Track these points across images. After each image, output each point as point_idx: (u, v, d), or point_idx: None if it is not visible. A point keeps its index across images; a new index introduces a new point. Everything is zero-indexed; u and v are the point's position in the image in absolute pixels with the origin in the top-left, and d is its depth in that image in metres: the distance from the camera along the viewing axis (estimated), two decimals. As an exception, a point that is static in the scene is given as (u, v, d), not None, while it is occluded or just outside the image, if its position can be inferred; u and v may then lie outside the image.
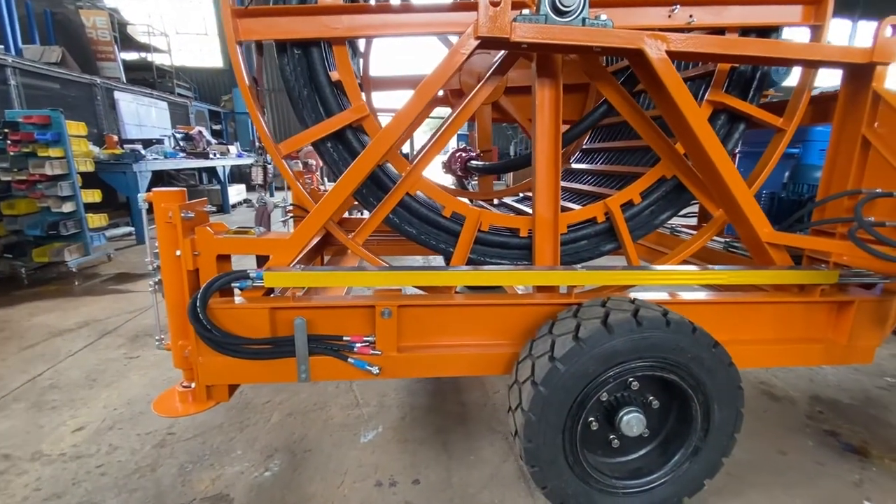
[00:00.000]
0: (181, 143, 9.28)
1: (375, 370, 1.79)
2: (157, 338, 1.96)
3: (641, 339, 1.57)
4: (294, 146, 1.99)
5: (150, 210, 1.85)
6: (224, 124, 16.00)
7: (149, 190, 7.15)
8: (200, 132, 9.80)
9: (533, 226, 2.18)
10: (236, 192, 11.29)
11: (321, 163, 19.35)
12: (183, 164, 8.43)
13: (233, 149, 11.23)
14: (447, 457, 2.15)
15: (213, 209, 1.96)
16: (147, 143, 8.30)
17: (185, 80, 15.37)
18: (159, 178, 8.52)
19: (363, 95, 1.94)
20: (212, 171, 10.40)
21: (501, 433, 2.33)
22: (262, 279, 1.72)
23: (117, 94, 9.56)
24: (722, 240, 2.95)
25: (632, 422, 1.67)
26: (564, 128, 2.14)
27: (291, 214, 2.88)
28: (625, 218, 2.27)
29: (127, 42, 12.85)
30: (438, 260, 2.66)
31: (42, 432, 2.33)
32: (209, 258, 1.78)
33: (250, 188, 12.70)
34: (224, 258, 1.84)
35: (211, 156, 9.25)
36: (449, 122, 2.20)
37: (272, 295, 1.96)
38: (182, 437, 2.27)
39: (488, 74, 2.14)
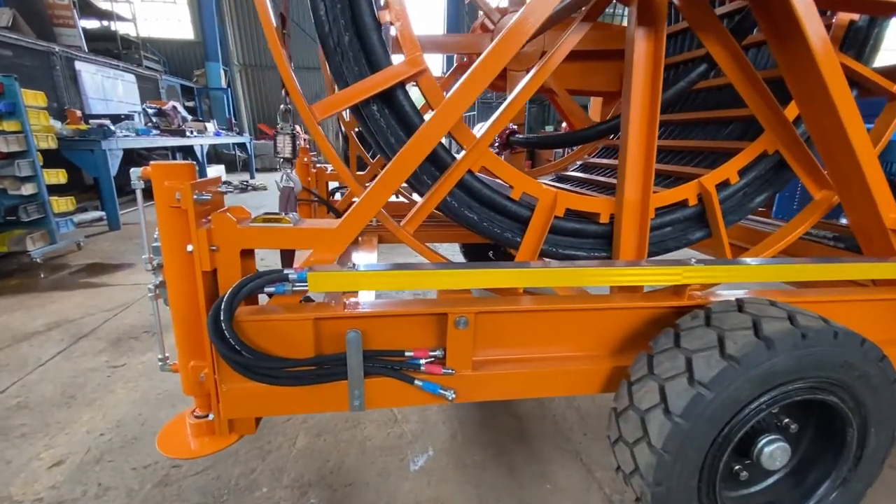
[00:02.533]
0: (154, 120, 8.49)
1: (451, 395, 1.41)
2: (160, 357, 1.52)
3: (806, 356, 1.24)
4: (332, 108, 1.55)
5: (146, 190, 1.40)
6: (198, 101, 14.97)
7: (120, 171, 6.48)
8: (175, 107, 9.00)
9: (617, 209, 1.81)
10: (215, 173, 10.53)
11: (302, 143, 18.59)
12: (158, 143, 7.70)
13: (210, 126, 10.43)
14: (516, 485, 1.80)
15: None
16: (115, 120, 7.51)
17: (152, 53, 14.23)
18: (128, 158, 7.74)
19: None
20: (187, 151, 9.63)
21: (571, 452, 1.99)
22: (305, 282, 1.30)
23: (79, 65, 8.64)
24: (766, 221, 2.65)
25: (775, 453, 1.35)
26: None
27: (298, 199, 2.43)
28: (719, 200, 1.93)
29: (86, 8, 11.69)
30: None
31: (10, 470, 1.87)
32: (231, 255, 1.35)
33: (230, 169, 11.99)
34: (246, 254, 1.41)
35: (188, 134, 8.50)
36: (524, 84, 1.79)
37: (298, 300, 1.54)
38: (190, 470, 1.85)
39: (577, 22, 1.73)
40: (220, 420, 1.43)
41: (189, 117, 10.25)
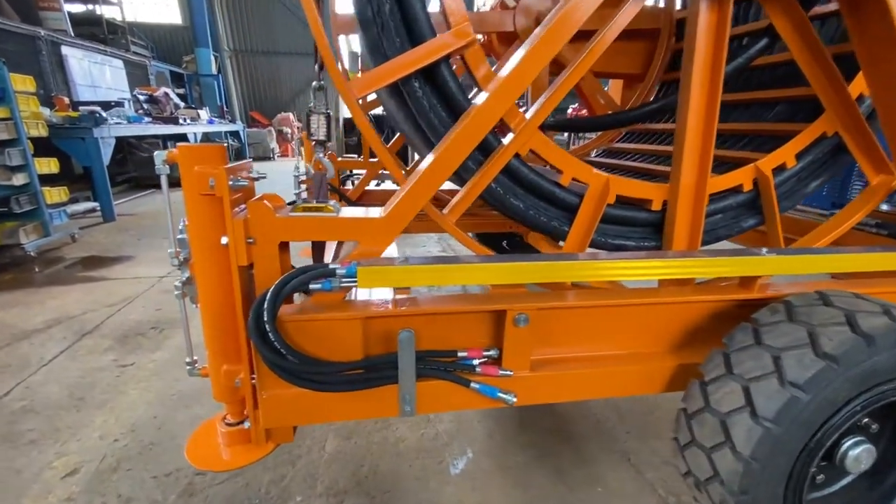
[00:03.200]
0: (145, 107, 8.19)
1: (512, 398, 1.30)
2: (188, 361, 1.39)
3: (907, 353, 1.14)
4: (372, 85, 1.41)
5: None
6: (188, 88, 14.55)
7: (114, 160, 6.23)
8: (167, 94, 8.69)
9: (671, 196, 1.70)
10: (209, 163, 10.23)
11: (296, 131, 18.13)
12: (150, 130, 7.43)
13: (203, 114, 10.13)
14: (566, 489, 1.70)
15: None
16: (105, 107, 7.22)
17: (139, 38, 13.76)
18: (118, 147, 7.43)
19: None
20: (180, 140, 9.34)
21: (618, 453, 1.90)
22: (354, 277, 1.17)
23: (65, 50, 8.29)
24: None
25: (861, 456, 1.26)
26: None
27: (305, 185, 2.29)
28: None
29: (70, -10, 11.24)
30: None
31: (21, 480, 1.73)
32: (269, 247, 1.21)
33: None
34: (282, 247, 1.28)
35: (181, 121, 8.22)
36: (578, 63, 1.64)
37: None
38: (216, 478, 1.73)
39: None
40: (258, 429, 1.31)
41: (181, 104, 9.93)
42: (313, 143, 1.51)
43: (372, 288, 1.23)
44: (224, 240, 1.15)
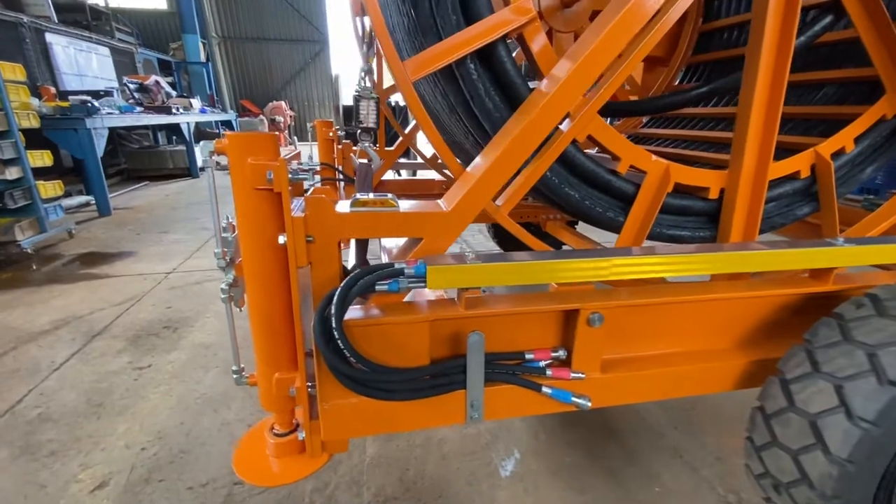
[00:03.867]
0: (136, 96, 7.91)
1: (586, 402, 1.23)
2: (235, 369, 1.29)
3: None
4: (427, 66, 1.30)
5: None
6: (177, 76, 14.12)
7: (107, 152, 6.01)
8: (157, 82, 8.40)
9: (730, 183, 1.62)
10: (202, 154, 9.96)
11: (288, 120, 17.76)
12: (144, 120, 7.17)
13: (195, 103, 9.83)
14: (624, 492, 1.64)
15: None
16: (94, 96, 6.94)
17: (124, 25, 13.28)
18: (108, 139, 7.12)
19: None
20: (172, 130, 9.08)
21: (668, 449, 1.84)
22: (423, 277, 1.08)
23: (50, 37, 7.95)
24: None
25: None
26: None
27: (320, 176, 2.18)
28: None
29: (50, -25, 10.74)
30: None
31: (47, 497, 1.63)
32: (329, 246, 1.11)
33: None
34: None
35: (174, 110, 7.96)
36: (644, 43, 1.54)
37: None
38: (256, 487, 1.64)
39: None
40: (315, 440, 1.22)
41: (173, 93, 9.62)
42: (358, 131, 1.40)
43: (439, 289, 1.14)
44: (282, 239, 1.05)
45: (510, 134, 1.22)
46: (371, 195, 1.22)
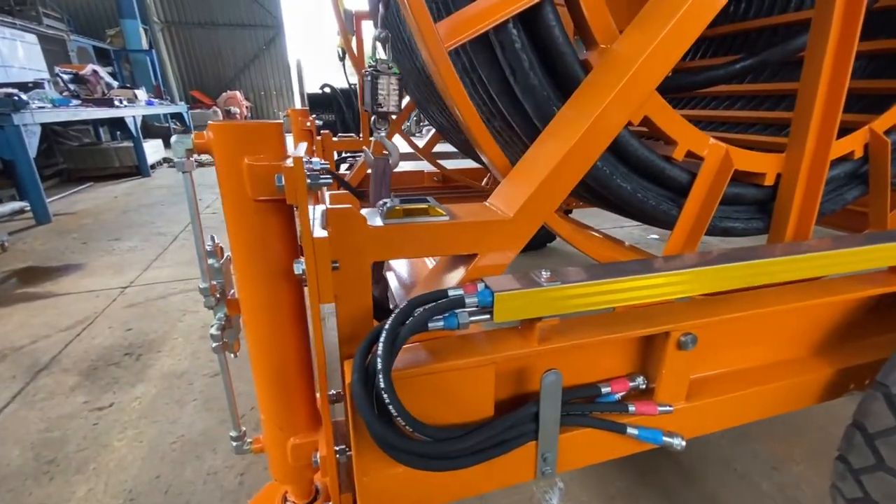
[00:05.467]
0: (71, 87, 7.10)
1: (679, 442, 1.01)
2: (234, 435, 0.99)
3: None
4: (462, 30, 1.02)
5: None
6: (116, 65, 12.96)
7: (39, 151, 5.37)
8: (96, 72, 7.57)
9: (789, 168, 1.44)
10: (153, 150, 9.18)
11: (245, 111, 16.91)
12: (82, 115, 6.43)
13: (140, 94, 9.00)
14: (686, 518, 1.46)
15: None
16: (22, 89, 6.15)
17: (52, 9, 12.00)
18: (41, 136, 6.31)
19: None
20: (115, 124, 8.27)
21: (720, 462, 1.68)
22: (490, 306, 0.82)
23: (-39, 21, 6.98)
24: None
25: None
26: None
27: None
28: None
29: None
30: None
31: None
32: (361, 273, 0.82)
33: (165, 144, 10.62)
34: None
35: (116, 103, 7.20)
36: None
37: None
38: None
39: None
40: (349, 520, 0.95)
41: (115, 84, 8.75)
42: (373, 117, 1.10)
43: (503, 319, 0.88)
44: (298, 267, 0.76)
45: (582, 118, 0.97)
46: (395, 202, 0.93)
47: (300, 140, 2.67)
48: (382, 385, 0.73)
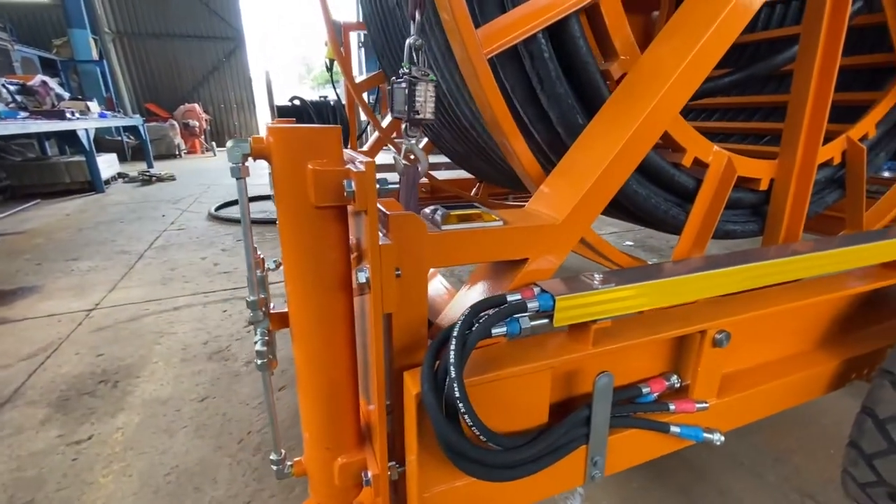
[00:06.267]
0: (17, 99, 6.64)
1: (719, 437, 1.04)
2: (274, 459, 0.93)
3: None
4: (498, 37, 1.04)
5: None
6: (64, 76, 12.26)
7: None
8: (45, 83, 7.12)
9: (782, 173, 1.55)
10: (107, 164, 8.68)
11: (204, 124, 16.37)
12: (32, 128, 6.01)
13: (93, 106, 8.53)
14: (705, 515, 1.50)
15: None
16: (-39, 100, 5.71)
17: (-9, 17, 11.26)
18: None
19: None
20: (65, 138, 7.76)
21: (727, 457, 1.74)
22: (550, 311, 0.82)
23: None
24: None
25: None
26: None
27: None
28: (861, 156, 1.73)
29: None
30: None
31: None
32: (419, 281, 0.80)
33: (120, 158, 10.09)
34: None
35: (68, 115, 6.79)
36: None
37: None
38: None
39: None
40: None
41: (66, 95, 8.24)
42: (405, 125, 1.09)
43: (563, 324, 0.87)
44: (363, 276, 0.73)
45: (622, 127, 1.00)
46: (430, 207, 0.92)
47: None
48: (457, 394, 0.71)
